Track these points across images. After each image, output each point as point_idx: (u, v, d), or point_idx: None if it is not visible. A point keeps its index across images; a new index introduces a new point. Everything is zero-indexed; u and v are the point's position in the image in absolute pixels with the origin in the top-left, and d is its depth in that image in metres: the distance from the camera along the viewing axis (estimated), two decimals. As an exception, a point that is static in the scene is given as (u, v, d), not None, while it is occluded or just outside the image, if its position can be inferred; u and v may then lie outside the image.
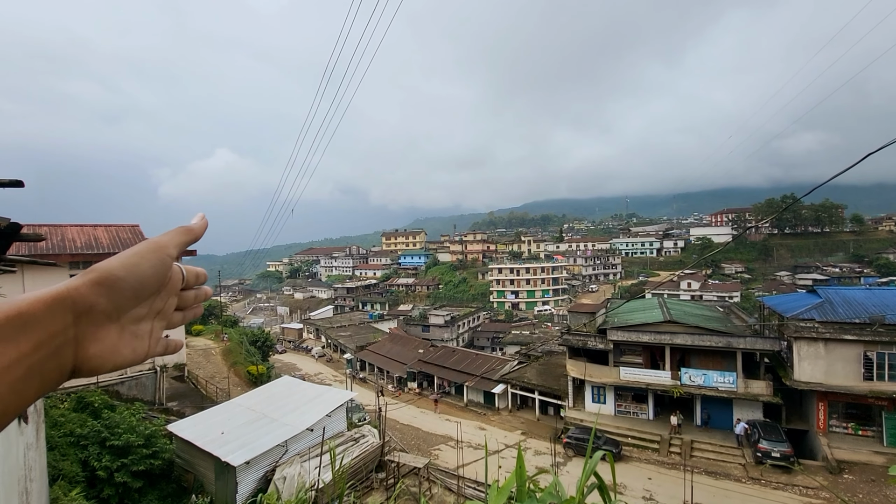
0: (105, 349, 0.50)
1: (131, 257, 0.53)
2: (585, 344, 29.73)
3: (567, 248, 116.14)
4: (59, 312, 0.46)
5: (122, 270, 0.51)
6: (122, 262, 0.51)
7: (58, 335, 0.45)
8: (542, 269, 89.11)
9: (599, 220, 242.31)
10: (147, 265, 0.53)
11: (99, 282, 0.49)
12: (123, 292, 0.51)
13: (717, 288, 76.13)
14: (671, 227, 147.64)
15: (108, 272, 0.50)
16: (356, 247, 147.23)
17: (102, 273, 0.49)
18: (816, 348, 23.74)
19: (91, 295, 0.48)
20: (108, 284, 0.49)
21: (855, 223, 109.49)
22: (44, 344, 0.44)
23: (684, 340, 26.83)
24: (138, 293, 0.53)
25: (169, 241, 0.58)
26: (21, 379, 0.43)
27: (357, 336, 57.57)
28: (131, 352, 0.53)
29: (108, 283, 0.49)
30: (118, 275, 0.50)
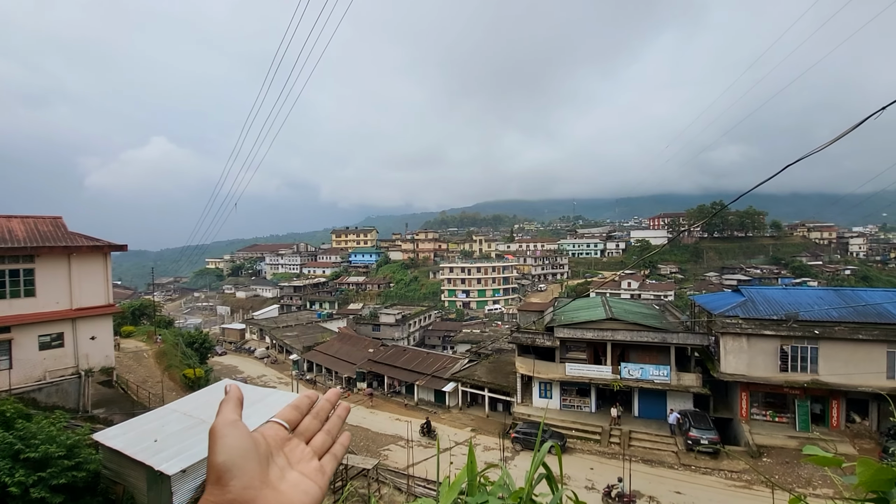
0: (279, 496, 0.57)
1: (217, 442, 0.58)
2: (534, 342, 30.58)
3: (517, 248, 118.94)
4: None
5: (221, 457, 0.56)
6: (216, 451, 0.57)
7: None
8: (493, 268, 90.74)
9: (548, 222, 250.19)
10: (230, 439, 0.59)
11: (216, 479, 0.55)
12: (238, 469, 0.56)
13: (654, 287, 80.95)
14: (614, 229, 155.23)
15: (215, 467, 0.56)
16: (304, 244, 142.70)
17: (215, 472, 0.56)
18: (740, 343, 25.84)
19: (220, 492, 0.54)
20: (224, 474, 0.55)
21: (774, 229, 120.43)
22: None
23: (624, 337, 28.29)
24: (248, 460, 0.58)
25: (225, 411, 0.64)
26: None
27: (304, 336, 55.83)
28: (303, 493, 0.61)
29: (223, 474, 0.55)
30: (220, 461, 0.56)
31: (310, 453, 0.68)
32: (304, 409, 0.74)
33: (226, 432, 0.60)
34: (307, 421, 0.73)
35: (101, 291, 22.58)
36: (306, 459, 0.67)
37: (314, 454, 0.69)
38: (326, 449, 0.71)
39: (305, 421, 0.73)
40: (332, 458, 0.71)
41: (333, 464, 0.71)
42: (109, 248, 23.02)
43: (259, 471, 0.58)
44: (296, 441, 0.69)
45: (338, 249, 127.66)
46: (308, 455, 0.68)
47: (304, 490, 0.61)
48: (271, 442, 0.66)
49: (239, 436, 0.60)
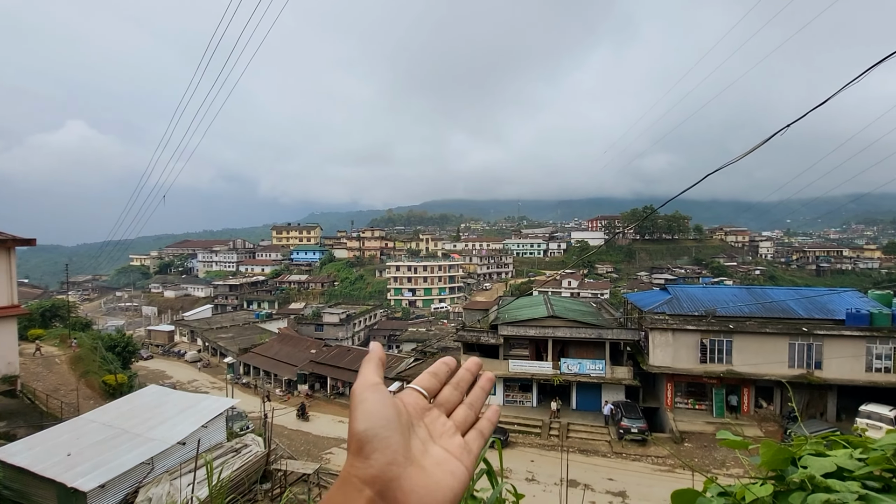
0: (422, 492, 0.49)
1: (357, 407, 0.53)
2: (478, 339, 31.12)
3: (464, 247, 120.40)
4: (355, 494, 0.46)
5: (362, 424, 0.51)
6: (357, 417, 0.52)
7: None
8: (440, 267, 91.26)
9: (494, 222, 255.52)
10: (370, 402, 0.53)
11: (357, 449, 0.49)
12: (381, 440, 0.50)
13: (592, 286, 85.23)
14: (556, 230, 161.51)
15: (356, 436, 0.50)
16: (242, 240, 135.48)
17: (355, 441, 0.50)
18: (666, 337, 27.85)
19: (361, 465, 0.48)
20: (369, 441, 0.49)
21: (696, 232, 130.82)
22: None
23: (564, 334, 29.55)
24: (391, 430, 0.52)
25: (366, 373, 0.59)
26: None
27: (240, 338, 53.08)
28: (450, 474, 0.53)
29: (364, 444, 0.49)
30: (361, 429, 0.50)
31: (452, 427, 0.60)
32: (442, 378, 0.66)
33: (366, 396, 0.54)
34: (447, 391, 0.64)
35: (2, 290, 20.12)
36: (449, 434, 0.58)
37: (457, 429, 0.60)
38: (470, 424, 0.62)
39: (445, 391, 0.64)
40: (478, 435, 0.62)
41: (480, 442, 0.61)
42: (14, 241, 20.55)
43: (403, 444, 0.52)
44: (436, 412, 0.61)
45: (278, 247, 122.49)
46: (451, 429, 0.59)
47: (451, 471, 0.53)
48: (411, 411, 0.58)
49: (381, 401, 0.54)
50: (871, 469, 0.90)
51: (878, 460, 0.88)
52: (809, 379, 26.61)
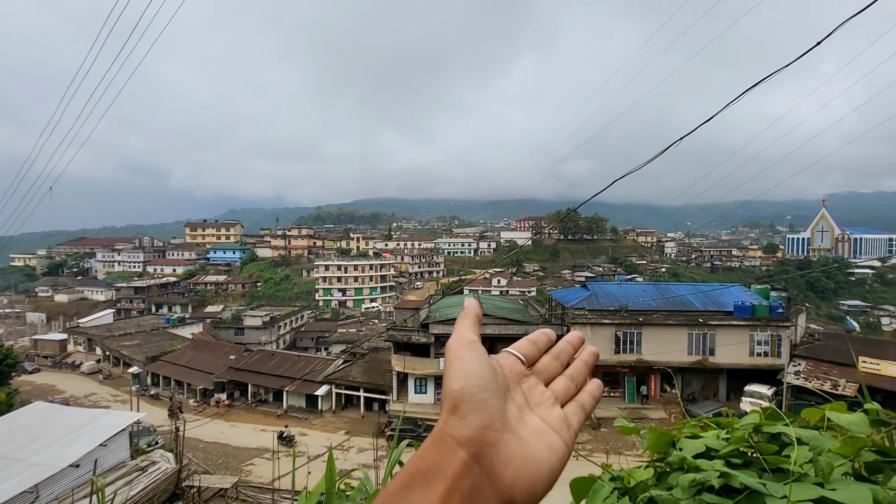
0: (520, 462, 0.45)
1: (452, 364, 0.50)
2: (409, 339, 31.07)
3: (395, 246, 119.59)
4: (450, 453, 0.43)
5: (458, 383, 0.47)
6: (452, 375, 0.48)
7: (465, 476, 0.42)
8: (371, 266, 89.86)
9: (426, 221, 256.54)
10: (467, 360, 0.50)
11: (453, 408, 0.46)
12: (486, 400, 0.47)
13: (520, 284, 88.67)
14: (486, 230, 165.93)
15: (451, 394, 0.47)
16: (150, 238, 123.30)
17: (450, 399, 0.47)
18: (586, 331, 29.73)
19: (457, 424, 0.45)
20: (467, 401, 0.46)
21: (612, 233, 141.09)
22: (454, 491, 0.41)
23: (493, 331, 30.43)
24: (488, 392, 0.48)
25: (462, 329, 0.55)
26: None
27: (148, 345, 48.35)
28: (548, 448, 0.49)
29: (460, 404, 0.46)
30: (457, 388, 0.47)
31: (551, 397, 0.55)
32: (541, 346, 0.61)
33: (462, 354, 0.51)
34: (546, 360, 0.60)
35: None
36: (547, 404, 0.54)
37: (556, 400, 0.56)
38: (570, 397, 0.58)
39: (544, 359, 0.60)
40: (579, 409, 0.57)
41: (581, 416, 0.57)
42: None
43: (500, 408, 0.48)
44: (534, 380, 0.57)
45: (193, 245, 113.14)
46: (549, 399, 0.55)
47: (550, 444, 0.49)
48: (508, 374, 0.54)
49: (478, 360, 0.50)
50: (734, 447, 0.99)
51: (739, 439, 0.97)
52: (705, 364, 29.86)
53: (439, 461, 0.43)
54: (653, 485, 1.08)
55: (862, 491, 0.71)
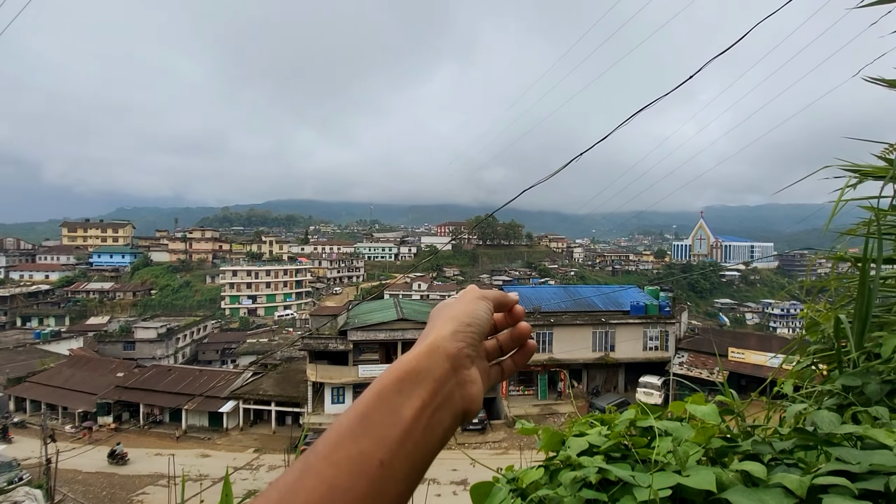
0: (477, 388, 0.56)
1: (469, 305, 0.61)
2: (326, 347, 29.98)
3: (312, 250, 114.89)
4: (440, 361, 0.53)
5: (469, 318, 0.58)
6: (466, 311, 0.59)
7: (446, 382, 0.52)
8: (285, 271, 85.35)
9: (345, 225, 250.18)
10: (482, 312, 0.61)
11: (457, 331, 0.56)
12: (475, 336, 0.58)
13: (440, 288, 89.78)
14: (407, 234, 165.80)
15: (462, 322, 0.57)
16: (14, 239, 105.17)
17: (458, 324, 0.57)
18: (502, 333, 30.96)
19: (455, 342, 0.55)
20: (464, 331, 0.56)
21: (528, 239, 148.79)
22: (438, 392, 0.51)
23: (414, 335, 30.42)
24: (481, 336, 0.59)
25: (492, 296, 0.65)
26: (427, 428, 0.48)
27: (11, 364, 41.19)
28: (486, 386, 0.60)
29: (463, 330, 0.56)
30: (468, 322, 0.58)
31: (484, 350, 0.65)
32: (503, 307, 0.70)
33: (479, 304, 0.62)
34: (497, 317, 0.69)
35: None
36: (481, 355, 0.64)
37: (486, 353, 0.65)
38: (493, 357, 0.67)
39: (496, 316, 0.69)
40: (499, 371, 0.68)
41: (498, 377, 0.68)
42: None
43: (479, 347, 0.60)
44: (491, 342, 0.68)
45: (71, 248, 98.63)
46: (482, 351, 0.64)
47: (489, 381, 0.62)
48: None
49: (486, 312, 0.62)
50: (613, 442, 1.08)
51: (617, 435, 1.06)
52: (606, 360, 32.57)
53: (430, 365, 0.52)
54: (545, 483, 1.14)
55: (708, 475, 0.79)
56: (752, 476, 0.80)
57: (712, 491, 0.76)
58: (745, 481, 0.81)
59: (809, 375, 1.84)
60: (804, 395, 1.67)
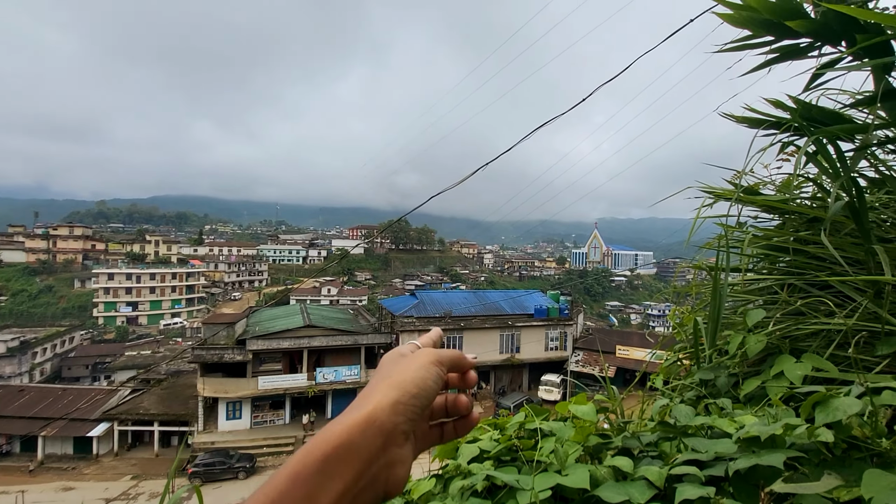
0: (405, 470, 0.48)
1: (419, 371, 0.52)
2: (221, 358, 27.52)
3: (208, 252, 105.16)
4: (372, 437, 0.44)
5: (416, 387, 0.50)
6: (415, 379, 0.50)
7: (374, 462, 0.44)
8: (175, 275, 76.97)
9: (248, 225, 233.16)
10: (432, 381, 0.52)
11: (399, 402, 0.47)
12: (417, 410, 0.49)
13: (351, 293, 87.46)
14: (317, 237, 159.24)
15: (407, 392, 0.48)
16: None
17: (402, 393, 0.48)
18: (413, 337, 30.81)
19: (394, 416, 0.46)
20: (406, 403, 0.48)
21: (440, 244, 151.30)
22: (363, 474, 0.43)
23: (321, 342, 29.20)
24: (424, 409, 0.51)
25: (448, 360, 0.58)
26: None
27: None
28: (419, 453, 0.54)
29: (406, 402, 0.48)
30: (414, 392, 0.49)
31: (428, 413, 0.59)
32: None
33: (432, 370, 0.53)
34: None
35: None
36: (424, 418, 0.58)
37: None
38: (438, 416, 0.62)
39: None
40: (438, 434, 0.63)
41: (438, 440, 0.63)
42: None
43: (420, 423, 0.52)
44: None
45: None
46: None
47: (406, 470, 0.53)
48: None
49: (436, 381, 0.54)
50: (504, 446, 1.09)
51: (507, 439, 1.08)
52: (512, 361, 34.20)
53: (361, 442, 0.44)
54: (438, 493, 1.12)
55: (583, 473, 0.83)
56: (621, 470, 0.86)
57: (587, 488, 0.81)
58: (616, 476, 0.87)
59: (676, 370, 2.06)
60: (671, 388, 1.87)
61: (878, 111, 1.36)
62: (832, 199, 1.28)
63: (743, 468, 0.73)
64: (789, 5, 1.31)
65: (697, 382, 1.57)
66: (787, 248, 1.60)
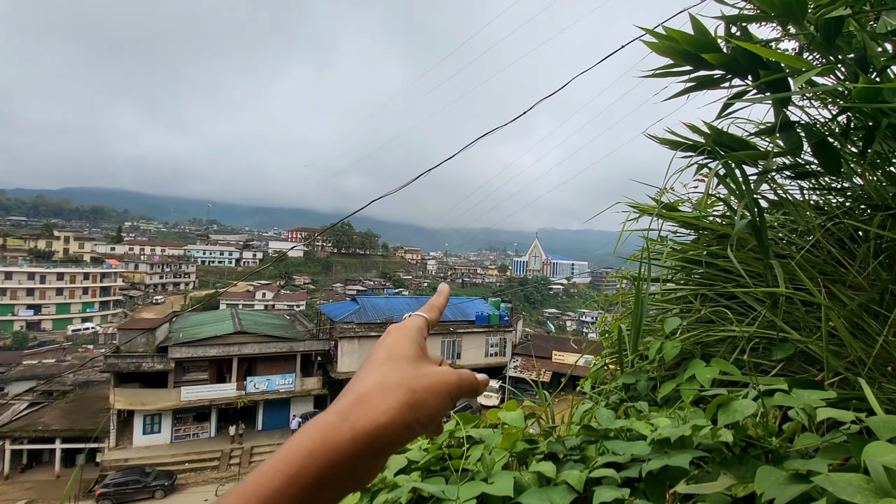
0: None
1: (436, 402, 0.47)
2: (139, 366, 25.27)
3: (127, 250, 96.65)
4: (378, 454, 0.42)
5: (428, 419, 0.46)
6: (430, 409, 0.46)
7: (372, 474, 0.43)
8: (87, 275, 69.87)
9: (175, 223, 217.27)
10: (444, 412, 0.48)
11: (411, 426, 0.44)
12: (420, 433, 0.46)
13: (288, 297, 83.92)
14: (252, 238, 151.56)
15: (419, 416, 0.45)
16: None
17: (415, 415, 0.44)
18: (353, 344, 30.26)
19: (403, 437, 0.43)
20: (416, 429, 0.45)
21: (384, 249, 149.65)
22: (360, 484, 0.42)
23: (253, 350, 27.69)
24: (432, 424, 0.47)
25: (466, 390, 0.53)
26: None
27: None
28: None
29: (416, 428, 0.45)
30: (425, 421, 0.45)
31: None
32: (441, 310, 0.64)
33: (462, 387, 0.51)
34: None
35: None
36: None
37: None
38: None
39: None
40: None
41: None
42: None
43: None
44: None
45: None
46: None
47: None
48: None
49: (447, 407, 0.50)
50: (433, 455, 1.08)
51: (436, 448, 1.07)
52: (453, 367, 34.34)
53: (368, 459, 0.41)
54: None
55: (508, 480, 0.84)
56: (545, 475, 0.87)
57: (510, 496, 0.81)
58: (539, 481, 0.89)
59: (603, 374, 2.16)
60: (597, 392, 1.95)
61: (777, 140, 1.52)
62: (738, 217, 1.41)
63: (655, 469, 0.77)
64: (706, 39, 1.43)
65: (621, 386, 1.65)
66: (701, 262, 1.74)
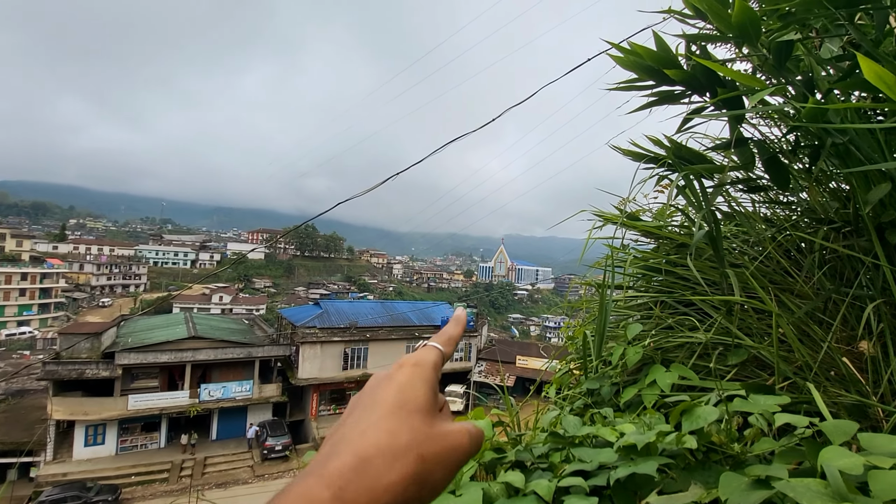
0: None
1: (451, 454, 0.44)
2: (82, 374, 23.67)
3: (72, 250, 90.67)
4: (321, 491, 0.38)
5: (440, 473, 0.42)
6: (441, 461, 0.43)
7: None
8: (24, 275, 64.98)
9: (125, 222, 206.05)
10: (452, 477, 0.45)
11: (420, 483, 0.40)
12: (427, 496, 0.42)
13: (248, 301, 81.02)
14: (209, 238, 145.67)
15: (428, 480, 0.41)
16: None
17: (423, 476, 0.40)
18: (315, 350, 29.53)
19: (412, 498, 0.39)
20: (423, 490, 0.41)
21: (349, 253, 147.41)
22: None
23: (208, 356, 26.53)
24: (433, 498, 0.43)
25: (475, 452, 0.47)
26: None
27: None
28: None
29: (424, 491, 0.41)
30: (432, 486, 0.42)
31: None
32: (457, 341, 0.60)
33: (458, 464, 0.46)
34: None
35: None
36: None
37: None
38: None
39: None
40: None
41: None
42: None
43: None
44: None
45: None
46: None
47: None
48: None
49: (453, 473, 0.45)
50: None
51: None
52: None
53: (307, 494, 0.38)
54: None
55: (476, 492, 0.82)
56: (513, 486, 0.86)
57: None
58: (508, 492, 0.88)
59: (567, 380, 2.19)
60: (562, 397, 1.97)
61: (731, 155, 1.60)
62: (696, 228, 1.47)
63: (622, 477, 0.78)
64: (668, 56, 1.48)
65: (585, 392, 1.67)
66: (661, 269, 1.80)
